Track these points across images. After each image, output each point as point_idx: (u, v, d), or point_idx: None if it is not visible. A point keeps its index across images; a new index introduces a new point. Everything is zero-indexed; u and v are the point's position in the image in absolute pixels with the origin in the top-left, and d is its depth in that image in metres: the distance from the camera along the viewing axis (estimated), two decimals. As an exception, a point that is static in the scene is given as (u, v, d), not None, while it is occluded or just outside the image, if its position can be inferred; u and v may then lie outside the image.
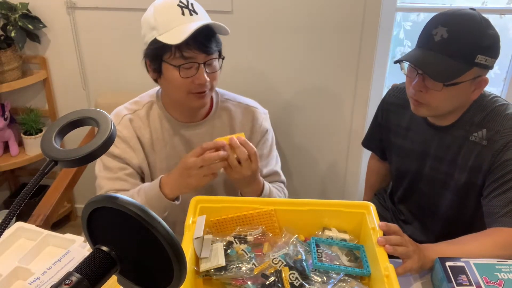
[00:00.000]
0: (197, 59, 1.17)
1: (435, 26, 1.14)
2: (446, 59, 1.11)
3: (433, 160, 1.30)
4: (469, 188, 1.23)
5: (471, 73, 1.12)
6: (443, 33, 1.12)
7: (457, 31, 1.11)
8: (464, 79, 1.12)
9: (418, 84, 1.17)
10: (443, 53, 1.12)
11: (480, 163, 1.19)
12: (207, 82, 1.20)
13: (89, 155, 0.50)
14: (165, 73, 1.21)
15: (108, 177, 1.27)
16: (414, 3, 1.93)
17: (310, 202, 1.09)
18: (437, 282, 1.03)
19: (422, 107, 1.20)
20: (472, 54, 1.10)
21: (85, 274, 0.48)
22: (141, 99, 1.36)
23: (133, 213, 0.46)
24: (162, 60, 1.19)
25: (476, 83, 1.15)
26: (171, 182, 1.18)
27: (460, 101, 1.19)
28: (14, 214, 0.48)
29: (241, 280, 0.95)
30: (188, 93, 1.21)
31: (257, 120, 1.39)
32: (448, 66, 1.11)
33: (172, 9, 1.17)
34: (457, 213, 1.30)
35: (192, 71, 1.18)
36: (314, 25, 1.85)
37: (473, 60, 1.11)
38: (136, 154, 1.29)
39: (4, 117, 2.06)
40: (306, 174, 2.18)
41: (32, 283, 0.98)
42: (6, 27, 1.90)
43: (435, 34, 1.13)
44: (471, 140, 1.21)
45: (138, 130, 1.30)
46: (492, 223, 1.14)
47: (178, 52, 1.16)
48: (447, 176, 1.28)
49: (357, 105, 1.98)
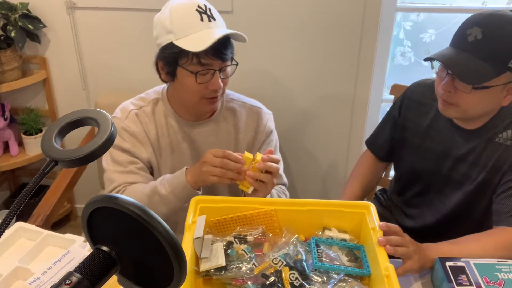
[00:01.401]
0: (214, 65, 1.18)
1: (471, 26, 1.10)
2: (478, 61, 1.08)
3: (453, 161, 1.27)
4: (484, 187, 1.21)
5: (503, 77, 1.09)
6: (478, 34, 1.08)
7: (492, 33, 1.08)
8: (495, 84, 1.09)
9: (447, 84, 1.14)
10: (475, 55, 1.09)
11: (501, 163, 1.17)
12: (221, 88, 1.21)
13: (89, 155, 0.50)
14: (180, 78, 1.21)
15: (119, 170, 1.27)
16: (414, 3, 1.92)
17: (310, 202, 1.09)
18: (437, 282, 1.03)
19: (451, 108, 1.17)
20: (506, 58, 1.07)
21: (85, 274, 0.48)
22: (147, 95, 1.36)
23: (133, 213, 0.46)
24: (177, 64, 1.19)
25: (508, 88, 1.12)
26: (192, 172, 1.20)
27: (490, 105, 1.16)
28: (14, 214, 0.48)
29: (241, 280, 0.95)
30: (201, 98, 1.22)
31: (261, 120, 1.39)
32: (479, 68, 1.08)
33: (191, 14, 1.16)
34: (464, 212, 1.28)
35: (207, 77, 1.19)
36: (314, 25, 1.85)
37: (506, 65, 1.07)
38: (145, 148, 1.30)
39: (4, 117, 2.06)
40: (306, 174, 2.18)
41: (32, 283, 0.98)
42: (6, 27, 1.90)
43: (469, 34, 1.10)
44: (495, 141, 1.19)
45: (145, 126, 1.31)
46: (500, 222, 1.13)
47: (196, 58, 1.15)
48: (464, 177, 1.26)
49: (357, 105, 1.98)
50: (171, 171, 1.33)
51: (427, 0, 1.92)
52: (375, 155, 1.55)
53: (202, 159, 1.18)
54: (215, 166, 1.14)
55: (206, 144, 1.34)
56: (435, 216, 1.35)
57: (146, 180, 1.29)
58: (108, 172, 1.29)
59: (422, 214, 1.39)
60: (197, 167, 1.19)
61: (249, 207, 1.08)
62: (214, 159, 1.14)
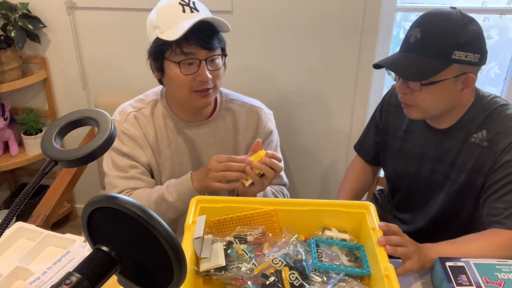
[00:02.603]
0: (198, 55, 1.18)
1: (411, 28, 1.15)
2: (420, 58, 1.11)
3: (432, 163, 1.29)
4: (467, 189, 1.23)
5: (450, 70, 1.11)
6: (417, 34, 1.12)
7: (429, 30, 1.11)
8: (443, 77, 1.11)
9: (401, 86, 1.17)
10: (417, 53, 1.12)
11: (480, 164, 1.18)
12: (209, 79, 1.20)
13: (89, 155, 0.50)
14: (167, 71, 1.21)
15: (121, 176, 1.28)
16: (414, 3, 1.93)
17: (310, 202, 1.08)
18: (437, 282, 1.03)
19: (412, 109, 1.20)
20: (448, 50, 1.09)
21: (85, 274, 0.48)
22: (146, 97, 1.36)
23: (133, 213, 0.46)
24: (163, 57, 1.20)
25: (462, 81, 1.14)
26: (198, 178, 1.21)
27: (449, 100, 1.17)
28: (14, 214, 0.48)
29: (241, 280, 0.95)
30: (191, 92, 1.22)
31: (261, 120, 1.39)
32: (421, 65, 1.11)
33: (173, 8, 1.18)
34: (451, 214, 1.29)
35: (193, 68, 1.19)
36: (314, 25, 1.85)
37: (450, 57, 1.09)
38: (145, 151, 1.30)
39: (4, 117, 2.06)
40: (306, 174, 2.18)
41: (32, 283, 0.98)
42: (6, 27, 1.90)
43: (411, 35, 1.14)
44: (471, 142, 1.20)
45: (144, 128, 1.31)
46: (493, 224, 1.14)
47: (178, 48, 1.16)
48: (445, 178, 1.27)
49: (357, 105, 1.98)
50: (170, 172, 1.33)
51: (427, 0, 1.92)
52: (363, 159, 1.56)
53: (207, 166, 1.19)
54: (220, 171, 1.15)
55: (205, 145, 1.34)
56: (425, 219, 1.36)
57: (148, 185, 1.30)
58: (109, 177, 1.30)
59: (414, 219, 1.41)
60: (202, 174, 1.20)
61: (249, 207, 1.08)
62: (218, 165, 1.15)
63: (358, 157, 1.58)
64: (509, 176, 1.13)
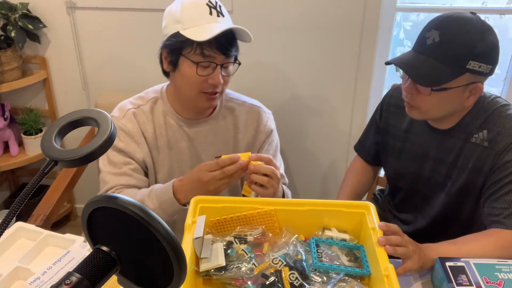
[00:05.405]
0: (216, 59, 1.19)
1: (429, 29, 1.12)
2: (435, 63, 1.10)
3: (433, 163, 1.29)
4: (468, 189, 1.23)
5: (462, 79, 1.10)
6: (435, 36, 1.10)
7: (449, 35, 1.09)
8: (454, 85, 1.10)
9: (409, 86, 1.16)
10: (433, 57, 1.10)
11: (481, 164, 1.18)
12: (221, 83, 1.21)
13: (89, 155, 0.50)
14: (181, 68, 1.21)
15: (113, 172, 1.28)
16: (414, 3, 1.93)
17: (310, 202, 1.08)
18: (437, 282, 1.03)
19: (414, 110, 1.19)
20: (464, 59, 1.08)
21: (85, 274, 0.48)
22: (146, 94, 1.36)
23: (133, 213, 0.46)
24: (181, 54, 1.20)
25: (470, 89, 1.13)
26: (185, 191, 1.18)
27: (453, 107, 1.17)
28: (14, 214, 0.48)
29: (241, 280, 0.95)
30: (200, 92, 1.22)
31: (262, 120, 1.39)
32: (436, 70, 1.09)
33: (201, 7, 1.18)
34: (452, 215, 1.29)
35: (208, 70, 1.19)
36: (314, 25, 1.85)
37: (464, 66, 1.08)
38: (140, 148, 1.30)
39: (4, 117, 2.06)
40: (306, 174, 2.18)
41: (32, 283, 0.98)
42: (6, 27, 1.90)
43: (428, 37, 1.11)
44: (472, 142, 1.20)
45: (142, 125, 1.31)
46: (493, 224, 1.14)
47: (199, 49, 1.17)
48: (446, 178, 1.27)
49: (356, 105, 1.98)
50: (168, 170, 1.33)
51: (427, 0, 1.92)
52: (363, 159, 1.56)
53: (196, 180, 1.15)
54: (220, 179, 1.13)
55: (205, 143, 1.34)
56: (425, 219, 1.37)
57: (139, 182, 1.29)
58: (103, 173, 1.30)
59: (414, 219, 1.41)
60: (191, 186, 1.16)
61: (249, 207, 1.08)
62: (215, 174, 1.12)
63: (358, 157, 1.58)
64: (509, 176, 1.13)
